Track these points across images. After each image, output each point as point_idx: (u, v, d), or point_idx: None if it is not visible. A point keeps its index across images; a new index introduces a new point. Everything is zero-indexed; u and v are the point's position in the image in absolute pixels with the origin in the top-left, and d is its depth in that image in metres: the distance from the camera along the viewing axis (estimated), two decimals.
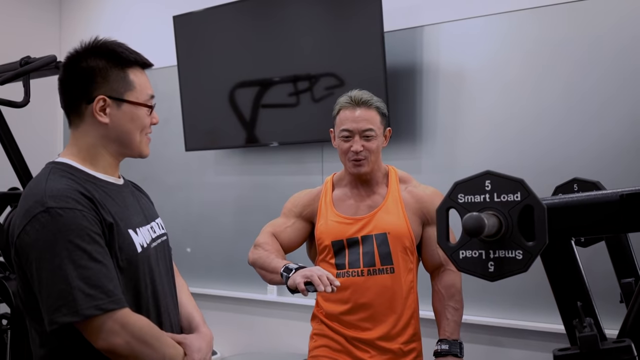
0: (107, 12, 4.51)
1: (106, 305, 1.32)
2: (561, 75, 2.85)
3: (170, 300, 1.63)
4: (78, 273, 1.31)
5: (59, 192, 1.37)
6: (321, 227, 2.20)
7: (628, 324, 1.14)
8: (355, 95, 2.14)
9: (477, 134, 3.05)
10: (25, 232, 1.35)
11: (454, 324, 2.13)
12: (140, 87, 1.51)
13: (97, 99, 1.45)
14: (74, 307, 1.30)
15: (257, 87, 3.55)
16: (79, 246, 1.33)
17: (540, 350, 2.83)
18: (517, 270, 1.03)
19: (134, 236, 1.48)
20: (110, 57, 1.49)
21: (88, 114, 1.47)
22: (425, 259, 2.23)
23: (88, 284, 1.31)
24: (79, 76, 1.47)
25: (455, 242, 1.08)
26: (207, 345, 1.60)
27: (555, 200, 1.13)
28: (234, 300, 3.81)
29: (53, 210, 1.34)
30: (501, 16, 2.99)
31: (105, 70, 1.47)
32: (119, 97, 1.48)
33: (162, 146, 4.02)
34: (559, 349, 1.10)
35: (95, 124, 1.48)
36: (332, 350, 2.17)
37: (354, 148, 2.11)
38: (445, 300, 2.16)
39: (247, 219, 3.79)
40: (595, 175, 2.38)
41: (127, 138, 1.51)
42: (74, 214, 1.35)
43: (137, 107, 1.51)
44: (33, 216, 1.34)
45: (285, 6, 3.43)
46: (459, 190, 1.09)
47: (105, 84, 1.46)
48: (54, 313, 1.31)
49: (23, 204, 1.40)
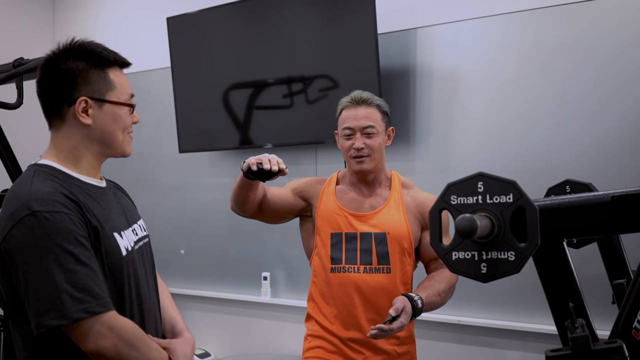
0: (101, 13, 4.50)
1: (94, 308, 1.32)
2: (554, 77, 2.86)
3: (154, 303, 1.63)
4: (66, 276, 1.31)
5: (45, 195, 1.36)
6: (322, 212, 2.21)
7: (619, 324, 1.15)
8: (356, 95, 2.18)
9: (470, 136, 3.06)
10: (10, 236, 1.34)
11: (430, 295, 2.02)
12: (120, 86, 1.51)
13: (79, 101, 1.45)
14: (61, 311, 1.29)
15: (251, 88, 3.55)
16: (66, 249, 1.32)
17: (532, 351, 2.84)
18: (510, 271, 1.03)
19: (119, 239, 1.47)
20: (90, 57, 1.48)
21: (70, 116, 1.47)
22: (423, 255, 2.22)
23: (75, 287, 1.31)
24: (59, 78, 1.46)
25: (448, 244, 1.09)
26: (191, 350, 1.60)
27: (547, 202, 1.13)
28: (227, 302, 3.81)
29: (39, 214, 1.33)
30: (494, 18, 3.00)
31: (86, 71, 1.46)
32: (100, 97, 1.47)
33: (156, 148, 4.02)
34: (551, 350, 1.11)
35: (77, 126, 1.47)
36: (326, 351, 2.17)
37: (356, 145, 2.13)
38: (435, 282, 2.08)
39: (240, 220, 3.76)
40: (588, 177, 2.39)
41: (110, 138, 1.51)
42: (60, 217, 1.34)
43: (119, 107, 1.50)
44: (19, 219, 1.33)
45: (280, 8, 3.44)
46: (452, 192, 1.09)
47: (86, 85, 1.46)
48: (42, 317, 1.30)
49: (7, 207, 1.38)
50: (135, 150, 3.57)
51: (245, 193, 2.11)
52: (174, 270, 3.99)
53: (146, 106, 4.05)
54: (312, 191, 2.27)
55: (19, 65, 2.67)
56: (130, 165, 4.36)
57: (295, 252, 3.51)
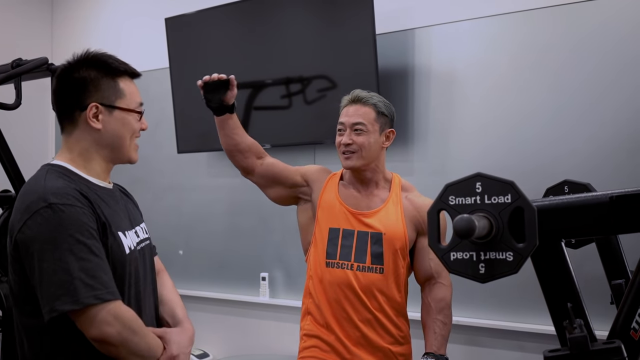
0: (99, 14, 4.50)
1: (104, 296, 1.41)
2: (552, 77, 2.87)
3: (151, 303, 1.69)
4: (79, 265, 1.39)
5: (59, 189, 1.45)
6: (323, 202, 2.22)
7: (618, 325, 1.15)
8: (354, 93, 2.22)
9: (469, 136, 3.06)
10: (26, 226, 1.42)
11: (442, 338, 2.12)
12: (130, 95, 1.61)
13: (90, 106, 1.54)
14: (74, 296, 1.37)
15: (250, 89, 3.55)
16: (79, 240, 1.41)
17: (530, 352, 2.84)
18: (508, 271, 1.03)
19: (123, 238, 1.56)
20: (102, 67, 1.57)
21: (81, 121, 1.56)
22: (417, 269, 2.23)
23: (88, 275, 1.39)
24: (72, 86, 1.56)
25: (446, 244, 1.09)
26: (188, 339, 1.65)
27: (545, 202, 1.13)
28: (226, 302, 3.80)
29: (55, 206, 1.42)
30: (492, 19, 3.01)
31: (97, 80, 1.56)
32: (110, 104, 1.57)
33: (154, 148, 4.02)
34: (549, 350, 1.11)
35: (88, 130, 1.56)
36: (321, 350, 2.18)
37: (343, 140, 2.17)
38: (434, 313, 2.15)
39: (239, 221, 3.79)
40: (586, 176, 2.39)
41: (119, 142, 1.60)
42: (75, 210, 1.43)
43: (128, 113, 1.60)
44: (35, 211, 1.42)
45: (278, 8, 3.44)
46: (450, 192, 1.09)
47: (97, 92, 1.55)
48: (55, 301, 1.38)
49: (23, 200, 1.47)
50: None
51: (225, 133, 2.23)
52: (173, 271, 3.95)
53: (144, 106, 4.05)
54: (316, 176, 2.29)
55: (17, 66, 2.67)
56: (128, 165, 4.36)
57: (294, 253, 3.51)
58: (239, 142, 2.23)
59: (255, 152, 2.26)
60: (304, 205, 2.30)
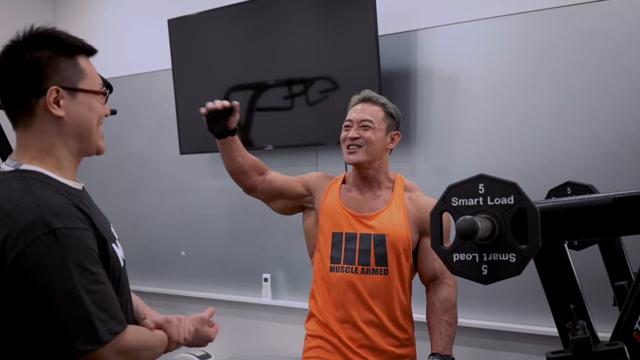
0: (102, 15, 4.50)
1: (115, 328, 1.26)
2: (554, 77, 2.86)
3: (132, 312, 1.56)
4: (90, 297, 1.23)
5: (59, 208, 1.25)
6: (325, 208, 2.23)
7: (621, 326, 1.14)
8: (364, 93, 2.25)
9: (471, 137, 3.06)
10: (24, 255, 1.20)
11: (447, 338, 2.12)
12: (91, 75, 1.39)
13: (49, 91, 1.31)
14: (93, 335, 1.23)
15: (252, 90, 3.55)
16: (87, 269, 1.24)
17: (533, 353, 2.84)
18: (511, 273, 1.03)
19: (117, 250, 1.40)
20: (56, 45, 1.34)
21: (40, 109, 1.32)
22: (421, 270, 2.23)
23: (100, 308, 1.24)
24: (24, 69, 1.32)
25: (449, 245, 1.09)
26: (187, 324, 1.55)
27: (548, 204, 1.13)
28: (228, 303, 3.80)
29: (59, 232, 1.22)
30: (495, 20, 3.01)
31: (53, 60, 1.33)
32: (72, 86, 1.34)
33: (157, 149, 4.02)
34: (552, 352, 1.11)
35: (49, 120, 1.33)
36: (325, 351, 2.18)
37: (350, 134, 2.19)
38: (439, 314, 2.15)
39: (241, 222, 3.79)
40: (588, 177, 2.39)
41: (86, 130, 1.38)
42: (79, 234, 1.25)
43: (92, 96, 1.38)
44: (36, 238, 1.20)
45: (280, 9, 3.44)
46: (453, 194, 1.09)
47: (55, 74, 1.32)
48: (73, 342, 1.22)
49: (13, 220, 1.23)
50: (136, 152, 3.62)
51: (228, 156, 2.24)
52: (175, 272, 4.00)
53: (147, 108, 4.03)
54: (318, 184, 2.30)
55: None
56: (131, 166, 4.37)
57: (296, 254, 3.52)
58: (242, 163, 2.24)
59: (257, 169, 2.28)
60: (309, 212, 2.33)
